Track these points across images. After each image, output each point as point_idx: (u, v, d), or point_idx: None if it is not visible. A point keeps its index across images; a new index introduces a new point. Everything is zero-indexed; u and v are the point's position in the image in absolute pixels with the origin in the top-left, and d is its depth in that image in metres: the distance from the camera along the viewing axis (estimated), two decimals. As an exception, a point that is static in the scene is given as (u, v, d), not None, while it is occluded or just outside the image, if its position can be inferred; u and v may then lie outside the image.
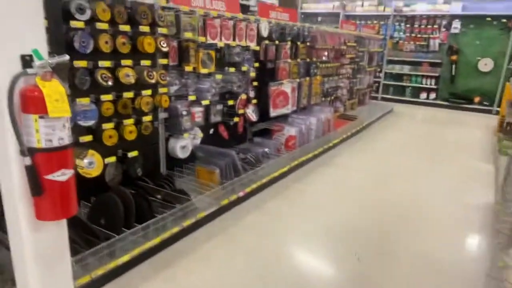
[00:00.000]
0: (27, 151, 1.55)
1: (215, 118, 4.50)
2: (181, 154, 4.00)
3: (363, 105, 9.34)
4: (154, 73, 3.41)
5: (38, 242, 1.76)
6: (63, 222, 1.85)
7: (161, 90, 3.61)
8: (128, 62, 3.24)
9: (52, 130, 1.56)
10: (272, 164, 4.54)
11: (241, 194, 3.96)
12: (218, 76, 4.27)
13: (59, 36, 1.74)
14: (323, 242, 3.44)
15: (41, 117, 1.53)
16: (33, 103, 1.52)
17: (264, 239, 3.41)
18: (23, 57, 1.57)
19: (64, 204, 1.67)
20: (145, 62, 3.40)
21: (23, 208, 1.65)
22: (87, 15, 2.83)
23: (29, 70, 1.54)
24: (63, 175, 1.63)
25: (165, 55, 3.64)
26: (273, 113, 5.15)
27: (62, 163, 1.62)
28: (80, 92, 2.95)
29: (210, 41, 4.08)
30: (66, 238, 1.90)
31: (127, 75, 3.22)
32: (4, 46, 1.52)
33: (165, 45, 3.50)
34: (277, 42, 5.16)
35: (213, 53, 4.15)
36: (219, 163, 3.94)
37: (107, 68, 3.10)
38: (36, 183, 1.57)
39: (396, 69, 11.92)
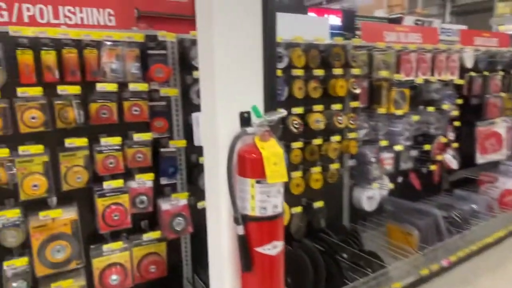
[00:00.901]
0: (241, 218, 1.39)
1: (406, 165, 3.88)
2: (367, 206, 3.53)
3: None
4: (344, 117, 3.12)
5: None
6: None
7: (350, 135, 3.27)
8: (319, 107, 3.05)
9: (267, 197, 1.36)
10: (483, 226, 3.58)
11: (444, 263, 3.18)
12: (413, 117, 3.69)
13: (273, 90, 1.59)
14: None
15: (258, 182, 1.35)
16: (251, 166, 1.36)
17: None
18: (242, 115, 1.46)
19: (273, 282, 1.44)
20: (336, 106, 3.15)
21: (230, 285, 1.49)
22: (285, 62, 2.78)
23: (248, 129, 1.41)
24: (273, 248, 1.41)
25: (356, 97, 3.33)
26: (480, 159, 4.17)
27: (274, 234, 1.41)
28: (272, 128, 2.88)
29: (404, 77, 3.58)
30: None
31: (317, 120, 3.02)
32: (224, 103, 1.44)
33: (356, 86, 3.19)
34: (484, 73, 4.24)
35: (407, 91, 3.62)
36: (418, 223, 3.28)
37: (298, 115, 2.97)
38: (247, 256, 1.39)
39: None
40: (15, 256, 2.11)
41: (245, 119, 1.44)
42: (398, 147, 3.60)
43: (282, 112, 1.44)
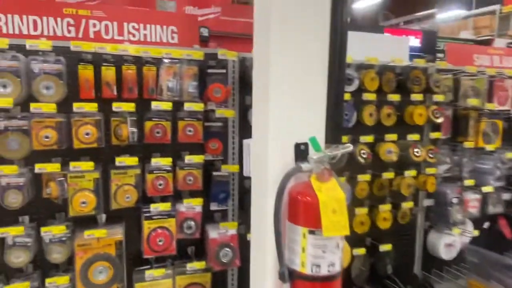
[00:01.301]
0: (288, 274, 1.14)
1: (495, 209, 3.29)
2: (445, 254, 3.02)
3: None
4: (421, 149, 2.71)
5: None
6: None
7: (428, 170, 2.84)
8: (393, 136, 2.68)
9: (322, 252, 1.10)
10: None
11: None
12: (507, 154, 3.12)
13: (339, 118, 1.34)
14: None
15: (311, 232, 1.10)
16: (304, 211, 1.11)
17: None
18: (297, 147, 1.22)
19: None
20: (412, 136, 2.76)
21: None
22: (355, 85, 2.49)
23: (304, 166, 1.16)
24: (327, 315, 1.13)
25: (437, 127, 2.90)
26: None
27: (328, 298, 1.13)
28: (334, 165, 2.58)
29: (498, 107, 3.06)
30: None
31: (389, 151, 2.65)
32: (278, 131, 1.22)
33: (438, 115, 2.77)
34: None
35: (500, 123, 3.09)
36: (507, 282, 2.71)
37: (366, 144, 2.64)
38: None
39: None
40: (60, 272, 2.07)
41: (301, 152, 1.21)
42: (486, 188, 3.06)
43: (348, 146, 1.18)
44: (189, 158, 2.16)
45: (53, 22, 2.02)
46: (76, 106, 1.88)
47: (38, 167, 1.88)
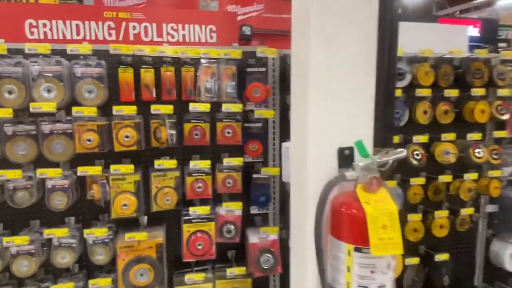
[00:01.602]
0: (331, 295, 1.02)
1: None
2: (510, 265, 2.71)
3: None
4: (484, 149, 2.44)
5: None
6: None
7: (491, 173, 2.55)
8: (450, 136, 2.43)
9: (370, 272, 0.97)
10: None
11: None
12: None
13: (389, 118, 1.19)
14: None
15: (357, 250, 0.97)
16: (349, 226, 0.99)
17: None
18: (341, 152, 1.10)
19: None
20: (473, 136, 2.49)
21: None
22: (407, 80, 2.29)
23: (348, 174, 1.04)
24: None
25: (501, 124, 2.60)
26: None
27: (378, 324, 0.99)
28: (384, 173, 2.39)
29: None
30: None
31: (446, 152, 2.41)
32: (319, 134, 1.10)
33: (504, 111, 2.48)
34: None
35: None
36: None
37: (420, 144, 2.42)
38: None
39: None
40: (103, 273, 2.10)
41: (345, 158, 1.08)
42: None
43: (400, 151, 1.04)
44: (228, 161, 2.09)
45: (94, 26, 2.04)
46: (116, 109, 1.87)
47: (81, 170, 1.90)
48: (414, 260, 2.50)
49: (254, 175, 2.25)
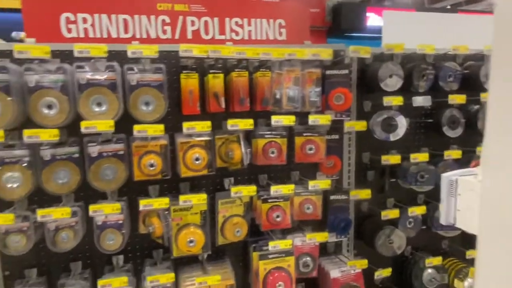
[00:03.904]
0: None
1: None
2: None
3: None
4: None
5: None
6: None
7: None
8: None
9: None
10: None
11: None
12: None
13: None
14: None
15: None
16: None
17: None
18: None
19: None
20: None
21: None
22: None
23: None
24: None
25: None
26: None
27: None
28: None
29: None
30: None
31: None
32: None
33: None
34: None
35: None
36: None
37: None
38: None
39: None
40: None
41: None
42: None
43: None
44: (313, 184, 1.74)
45: (146, 21, 1.64)
46: (187, 126, 1.49)
47: (144, 204, 1.51)
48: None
49: (332, 197, 1.92)
